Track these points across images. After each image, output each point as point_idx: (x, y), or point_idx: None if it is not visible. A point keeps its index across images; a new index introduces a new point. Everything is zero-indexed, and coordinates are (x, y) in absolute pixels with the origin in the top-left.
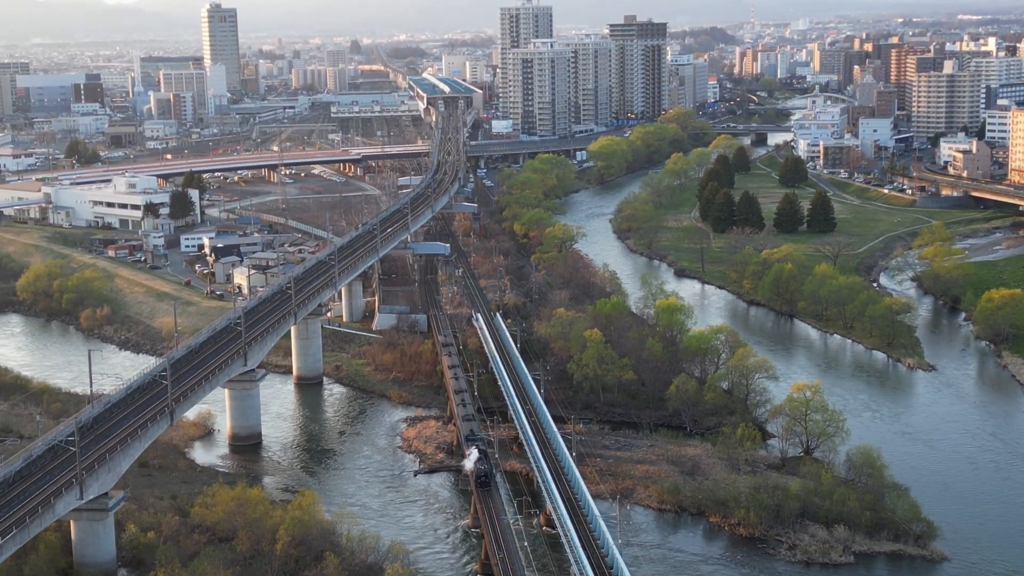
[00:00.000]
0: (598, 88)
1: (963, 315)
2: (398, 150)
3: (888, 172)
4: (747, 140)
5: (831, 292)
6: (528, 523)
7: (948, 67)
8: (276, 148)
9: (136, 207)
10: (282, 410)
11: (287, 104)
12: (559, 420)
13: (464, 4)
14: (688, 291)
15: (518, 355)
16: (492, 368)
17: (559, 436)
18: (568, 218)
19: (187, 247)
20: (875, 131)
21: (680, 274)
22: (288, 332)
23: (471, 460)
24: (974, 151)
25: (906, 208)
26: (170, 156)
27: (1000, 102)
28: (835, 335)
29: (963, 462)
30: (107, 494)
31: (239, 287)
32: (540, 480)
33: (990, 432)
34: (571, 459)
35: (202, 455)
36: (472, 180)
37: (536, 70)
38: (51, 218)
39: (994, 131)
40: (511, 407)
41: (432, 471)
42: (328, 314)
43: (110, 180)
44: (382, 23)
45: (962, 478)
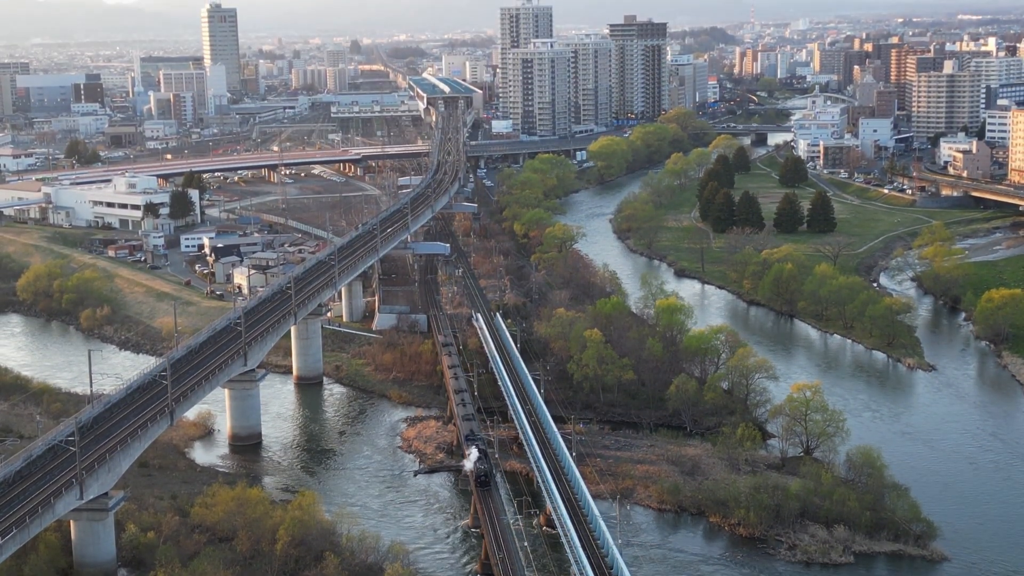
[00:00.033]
0: (598, 88)
1: (963, 315)
2: (398, 150)
3: (888, 172)
4: (747, 140)
5: (831, 292)
6: (528, 523)
7: (948, 67)
8: (276, 148)
9: (136, 207)
10: (282, 410)
11: (287, 104)
12: (559, 420)
13: (464, 4)
14: (688, 291)
15: (518, 355)
16: (492, 368)
17: (559, 436)
18: (568, 218)
19: (187, 247)
20: (875, 131)
21: (680, 274)
22: (288, 332)
23: (471, 460)
24: (974, 151)
25: (906, 208)
26: (170, 156)
27: (1000, 102)
28: (835, 335)
29: (963, 462)
30: (107, 494)
31: (239, 287)
32: (540, 480)
33: (990, 432)
34: (571, 459)
35: (202, 455)
36: (472, 180)
37: (536, 70)
38: (51, 218)
39: (994, 131)
40: (511, 407)
41: (432, 471)
42: (328, 314)
43: (110, 180)
44: (382, 23)
45: (962, 478)
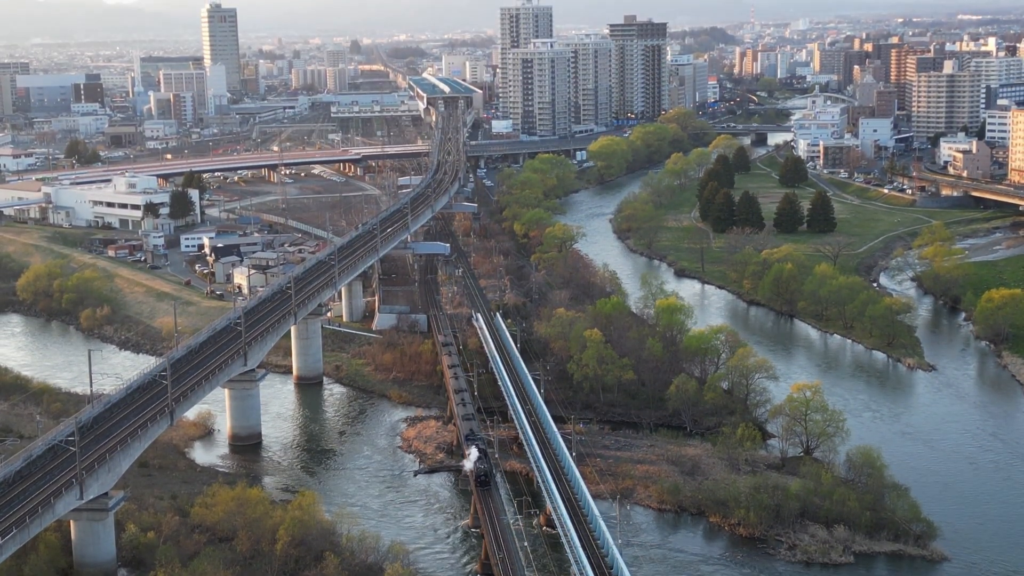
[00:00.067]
0: (598, 88)
1: (963, 315)
2: (398, 150)
3: (888, 172)
4: (747, 140)
5: (831, 292)
6: (528, 523)
7: (948, 67)
8: (276, 148)
9: (136, 207)
10: (282, 410)
11: (287, 104)
12: (559, 420)
13: (464, 4)
14: (688, 291)
15: (518, 355)
16: (492, 368)
17: (559, 436)
18: (568, 218)
19: (187, 247)
20: (875, 131)
21: (680, 274)
22: (288, 332)
23: (471, 460)
24: (974, 151)
25: (906, 208)
26: (170, 156)
27: (1000, 102)
28: (835, 335)
29: (963, 462)
30: (107, 494)
31: (239, 287)
32: (540, 480)
33: (990, 432)
34: (571, 459)
35: (202, 455)
36: (472, 180)
37: (536, 70)
38: (51, 218)
39: (994, 131)
40: (511, 407)
41: (432, 471)
42: (328, 314)
43: (110, 180)
44: (382, 23)
45: (962, 478)
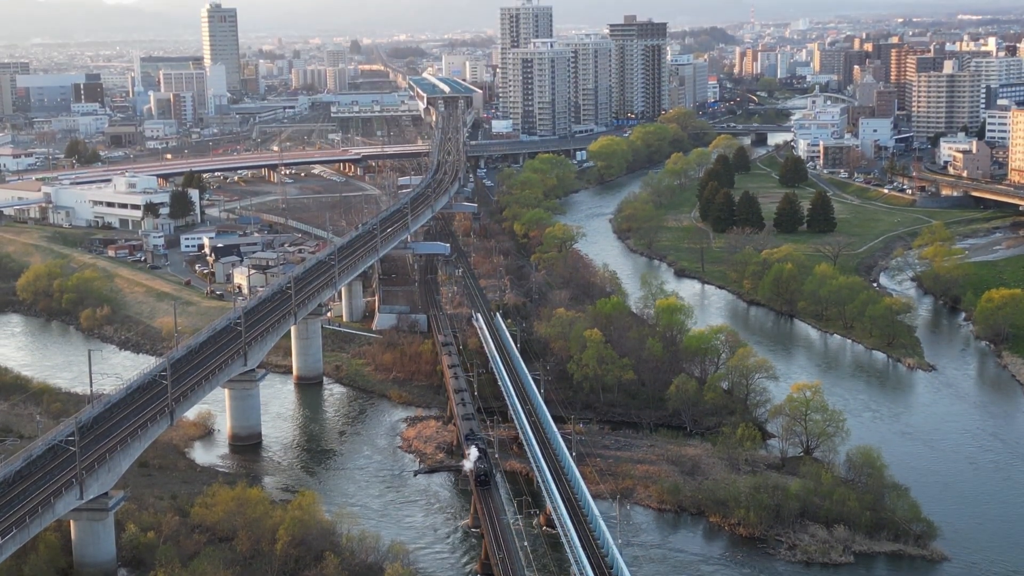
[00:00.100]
0: (598, 88)
1: (963, 315)
2: (398, 150)
3: (888, 172)
4: (747, 140)
5: (831, 292)
6: (528, 523)
7: (948, 67)
8: (276, 148)
9: (136, 207)
10: (282, 410)
11: (287, 104)
12: (559, 420)
13: (464, 4)
14: (688, 291)
15: (518, 355)
16: (492, 368)
17: (559, 436)
18: (568, 218)
19: (187, 247)
20: (875, 131)
21: (680, 274)
22: (288, 332)
23: (471, 459)
24: (974, 151)
25: (906, 208)
26: (170, 156)
27: (1000, 102)
28: (835, 335)
29: (963, 462)
30: (107, 494)
31: (239, 287)
32: (540, 480)
33: (990, 432)
34: (571, 459)
35: (202, 455)
36: (472, 180)
37: (536, 70)
38: (51, 218)
39: (994, 131)
40: (511, 407)
41: (432, 471)
42: (328, 314)
43: (110, 180)
44: (382, 23)
45: (962, 478)
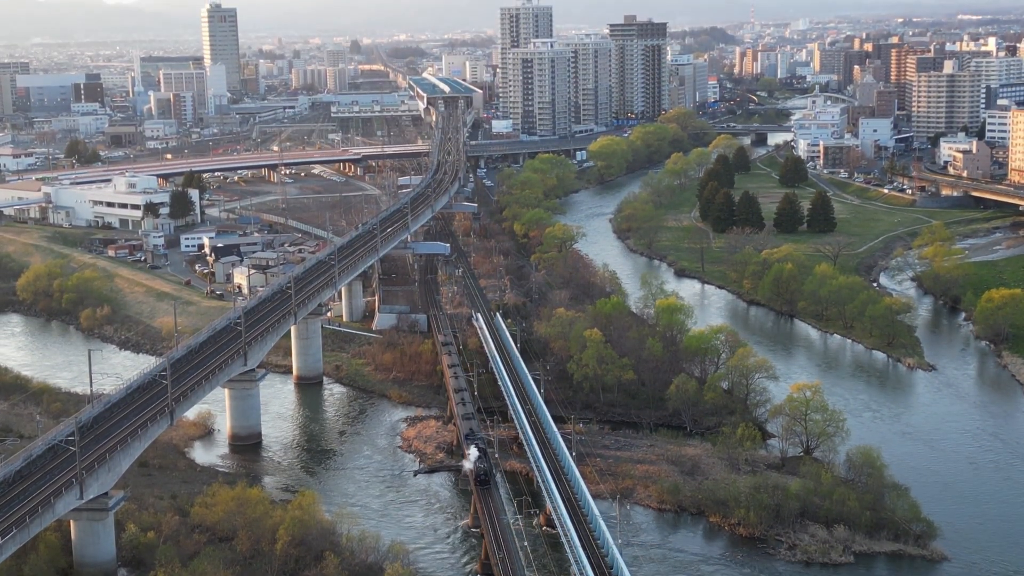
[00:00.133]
0: (598, 88)
1: (963, 315)
2: (398, 150)
3: (888, 172)
4: (747, 140)
5: (831, 292)
6: (528, 523)
7: (948, 67)
8: (276, 148)
9: (136, 207)
10: (282, 410)
11: (287, 104)
12: (559, 420)
13: (464, 4)
14: (688, 291)
15: (518, 355)
16: (492, 368)
17: (559, 436)
18: (568, 218)
19: (187, 247)
20: (875, 131)
21: (680, 274)
22: (288, 332)
23: (471, 459)
24: (974, 151)
25: (906, 208)
26: (170, 156)
27: (1000, 102)
28: (835, 335)
29: (963, 462)
30: (107, 494)
31: (239, 287)
32: (540, 480)
33: (990, 432)
34: (571, 459)
35: (202, 455)
36: (472, 180)
37: (536, 70)
38: (51, 218)
39: (994, 131)
40: (511, 407)
41: (432, 471)
42: (328, 314)
43: (110, 180)
44: (382, 23)
45: (962, 478)
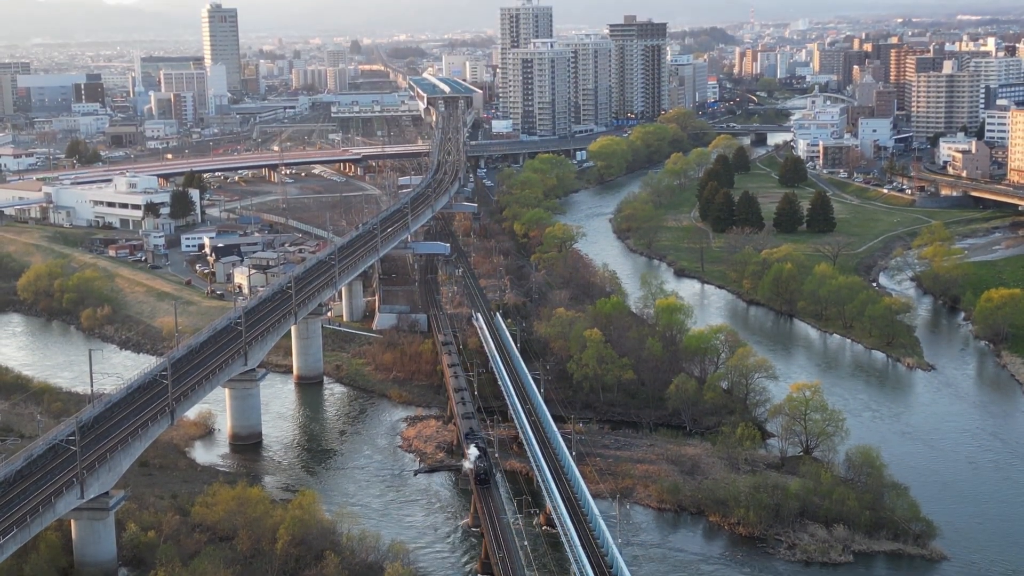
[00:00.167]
0: (598, 88)
1: (962, 315)
2: (398, 150)
3: (887, 172)
4: (747, 140)
5: (831, 292)
6: (528, 522)
7: (947, 67)
8: (276, 148)
9: (137, 207)
10: (282, 410)
11: (287, 104)
12: (559, 419)
13: (464, 4)
14: (688, 291)
15: (518, 355)
16: (492, 367)
17: (559, 435)
18: (568, 218)
19: (188, 247)
20: (874, 131)
21: (680, 274)
22: (288, 332)
23: (471, 459)
24: (973, 151)
25: (905, 208)
26: (171, 156)
27: (999, 102)
28: (835, 335)
29: (962, 461)
30: (108, 493)
31: (239, 287)
32: (540, 479)
33: (989, 431)
34: (571, 458)
35: (202, 454)
36: (472, 180)
37: (536, 70)
38: (52, 218)
39: (993, 131)
40: (511, 406)
41: (432, 470)
42: (328, 314)
43: (111, 180)
44: (382, 23)
45: (961, 477)
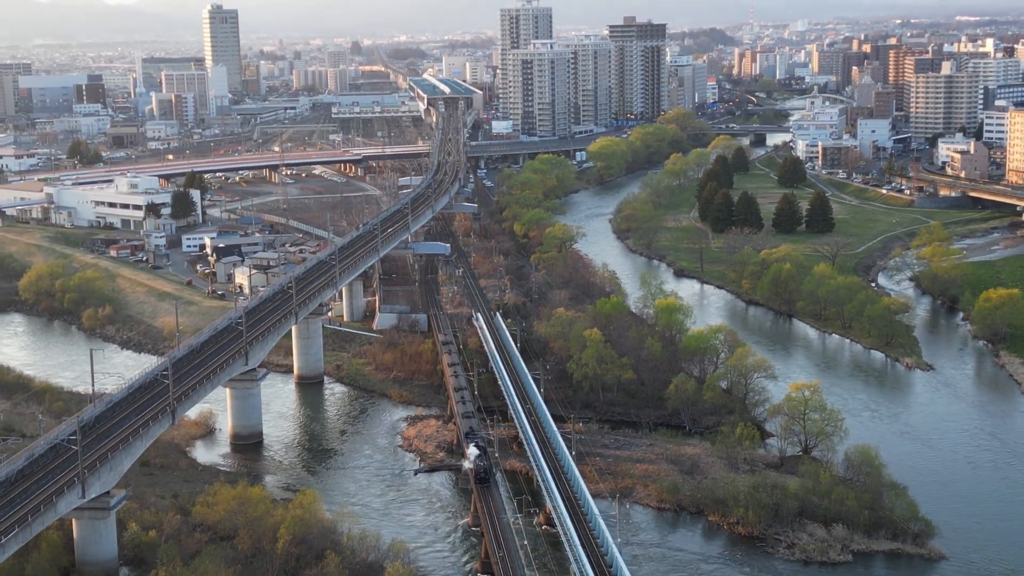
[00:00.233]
0: (598, 89)
1: (961, 315)
2: (399, 150)
3: (886, 172)
4: (746, 141)
5: (829, 292)
6: (528, 522)
7: (946, 68)
8: (277, 148)
9: (138, 207)
10: (283, 409)
11: (288, 105)
12: (559, 419)
13: (464, 5)
14: (687, 291)
15: (518, 354)
16: (492, 367)
17: (559, 435)
18: (568, 218)
19: (188, 247)
20: (873, 132)
21: (679, 274)
22: (289, 332)
23: (471, 458)
24: (972, 151)
25: (904, 208)
26: (172, 156)
27: (998, 103)
28: (834, 335)
29: (961, 461)
30: (109, 493)
31: (240, 287)
32: (540, 479)
33: (988, 431)
34: (571, 458)
35: (203, 454)
36: (472, 180)
37: (536, 71)
38: (53, 218)
39: (992, 132)
40: (511, 406)
41: (432, 470)
42: (329, 314)
43: (112, 180)
44: (382, 24)
45: (960, 477)
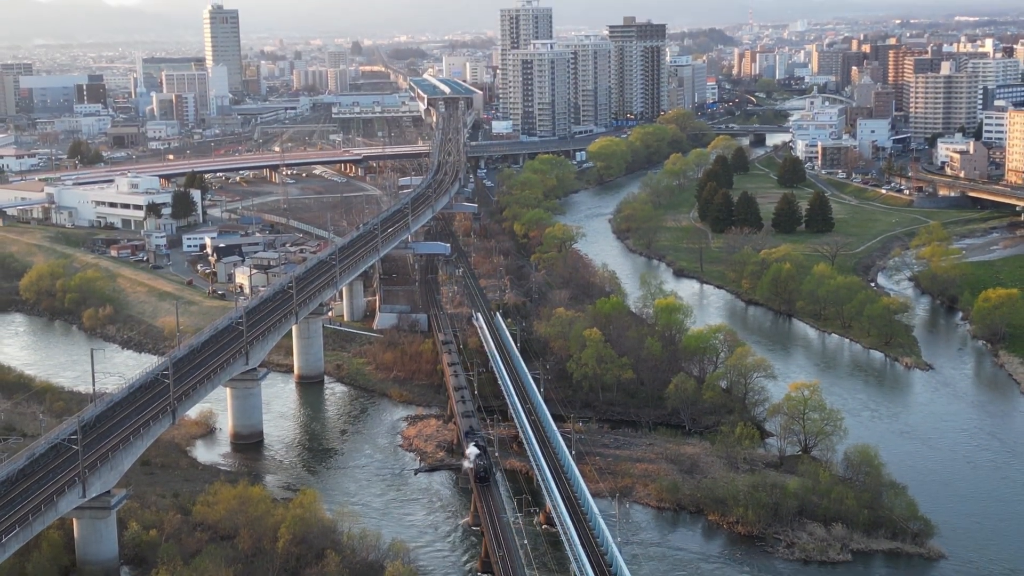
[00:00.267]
0: (597, 89)
1: (960, 315)
2: (399, 151)
3: (886, 172)
4: (745, 141)
5: (829, 292)
6: (528, 521)
7: (945, 68)
8: (277, 148)
9: (138, 207)
10: (283, 409)
11: (288, 105)
12: (559, 419)
13: (464, 5)
14: (687, 291)
15: (518, 354)
16: (492, 367)
17: (559, 435)
18: (568, 218)
19: (189, 247)
20: (873, 132)
21: (679, 274)
22: (289, 331)
23: (471, 458)
24: (971, 152)
25: (904, 208)
26: (172, 156)
27: (997, 103)
28: (833, 334)
29: (960, 461)
30: (109, 492)
31: (241, 287)
32: (540, 478)
33: (987, 431)
34: (570, 458)
35: (204, 453)
36: (472, 180)
37: (536, 71)
38: (54, 218)
39: (991, 132)
40: (511, 406)
41: (432, 470)
42: (329, 313)
43: (112, 180)
44: (383, 24)
45: (959, 476)
